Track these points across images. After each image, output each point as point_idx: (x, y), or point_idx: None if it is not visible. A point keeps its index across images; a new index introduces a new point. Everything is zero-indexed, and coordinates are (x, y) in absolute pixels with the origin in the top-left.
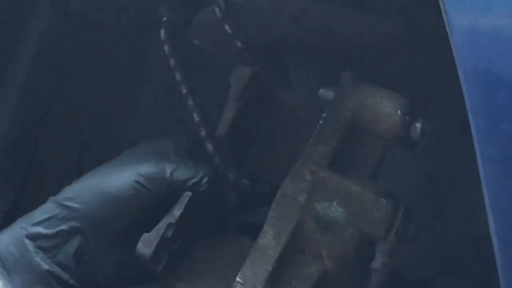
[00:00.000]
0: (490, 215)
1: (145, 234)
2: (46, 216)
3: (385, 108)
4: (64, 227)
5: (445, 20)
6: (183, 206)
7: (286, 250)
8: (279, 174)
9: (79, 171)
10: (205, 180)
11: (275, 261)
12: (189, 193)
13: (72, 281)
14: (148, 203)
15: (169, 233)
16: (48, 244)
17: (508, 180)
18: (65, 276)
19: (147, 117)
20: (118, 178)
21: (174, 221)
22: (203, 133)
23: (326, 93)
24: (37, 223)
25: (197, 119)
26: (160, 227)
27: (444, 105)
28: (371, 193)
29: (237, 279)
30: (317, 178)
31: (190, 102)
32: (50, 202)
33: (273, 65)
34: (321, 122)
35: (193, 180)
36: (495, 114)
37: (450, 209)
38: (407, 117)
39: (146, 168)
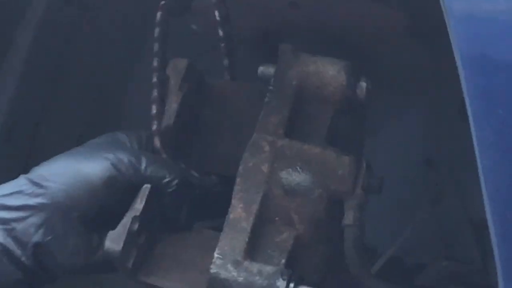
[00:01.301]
0: (486, 201)
1: (111, 231)
2: (13, 190)
3: (329, 72)
4: (30, 202)
5: (441, 5)
6: (144, 199)
7: (258, 221)
8: (223, 165)
9: None
10: (175, 182)
11: (250, 232)
12: (148, 186)
13: (23, 259)
14: (119, 189)
15: (135, 227)
16: (8, 216)
17: (505, 165)
18: (17, 252)
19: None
20: (94, 159)
21: (138, 214)
22: (154, 127)
23: (266, 70)
24: (3, 195)
25: (153, 111)
26: (125, 222)
27: (443, 91)
28: (332, 152)
29: (215, 255)
30: (276, 147)
31: (154, 93)
32: (21, 177)
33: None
34: (267, 95)
35: (165, 180)
36: (492, 99)
37: (449, 195)
38: (351, 77)
39: (124, 155)
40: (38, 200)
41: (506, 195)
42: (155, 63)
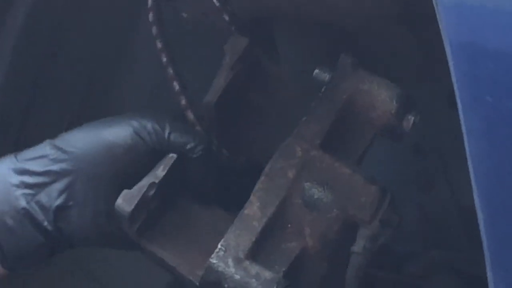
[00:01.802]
0: (475, 188)
1: (126, 190)
2: (38, 155)
3: (381, 95)
4: (54, 167)
5: None
6: (167, 168)
7: (270, 223)
8: (258, 150)
9: None
10: (199, 147)
11: (259, 233)
12: (174, 155)
13: (45, 224)
14: (142, 157)
15: (151, 193)
16: (32, 181)
17: (493, 152)
18: (40, 217)
19: (137, 92)
20: (118, 126)
21: (157, 181)
22: (183, 101)
23: (321, 75)
24: (28, 160)
25: (176, 88)
26: (142, 186)
27: (432, 78)
28: (360, 177)
29: (219, 246)
30: (308, 156)
31: (170, 71)
32: (46, 143)
33: (262, 39)
34: (314, 101)
35: (189, 146)
36: (481, 86)
37: (437, 183)
38: (402, 108)
39: (147, 122)
40: (62, 165)
41: (495, 182)
42: (159, 45)
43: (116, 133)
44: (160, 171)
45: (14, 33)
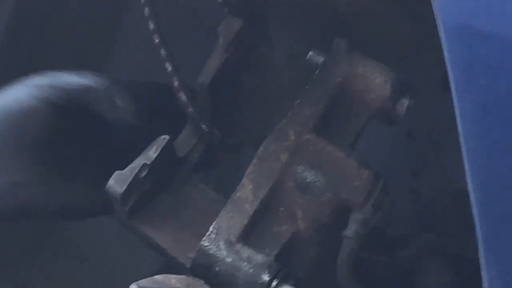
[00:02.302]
0: (467, 171)
1: (118, 172)
2: None
3: (376, 79)
4: None
5: None
6: (159, 149)
7: (262, 206)
8: (250, 133)
9: None
10: (100, 92)
11: (251, 216)
12: (166, 137)
13: None
14: (53, 118)
15: (142, 174)
16: None
17: (486, 134)
18: None
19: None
20: (13, 91)
21: (149, 162)
22: (176, 83)
23: (315, 57)
24: None
25: (169, 69)
26: (134, 166)
27: (425, 62)
28: (353, 161)
29: (211, 228)
30: (301, 139)
31: (162, 52)
32: None
33: (255, 21)
34: (308, 84)
35: (92, 89)
36: (475, 69)
37: (430, 167)
38: (396, 92)
39: (41, 80)
40: None
41: (487, 165)
42: (151, 26)
43: (11, 98)
44: (152, 153)
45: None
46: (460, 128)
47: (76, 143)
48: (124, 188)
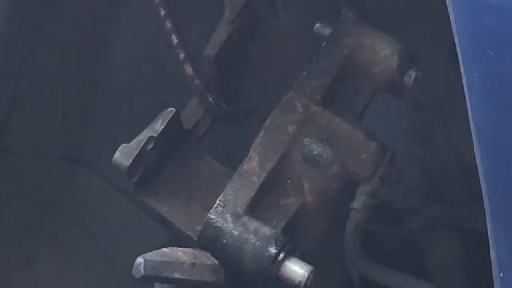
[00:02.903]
0: (475, 142)
1: (124, 144)
2: None
3: (383, 51)
4: None
5: None
6: (165, 122)
7: (269, 179)
8: (257, 104)
9: (63, 99)
10: None
11: (257, 188)
12: (173, 109)
13: None
14: None
15: (149, 147)
16: None
17: (494, 105)
18: None
19: (134, 46)
20: None
21: (155, 135)
22: (182, 55)
23: (322, 29)
24: None
25: (175, 41)
26: (141, 139)
27: (432, 33)
28: (361, 133)
29: (218, 201)
30: (308, 112)
31: (168, 24)
32: None
33: None
34: (315, 57)
35: None
36: (482, 40)
37: (438, 138)
38: (404, 63)
39: None
40: None
41: (495, 135)
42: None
43: None
44: (158, 125)
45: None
46: (467, 99)
47: None
48: (131, 160)
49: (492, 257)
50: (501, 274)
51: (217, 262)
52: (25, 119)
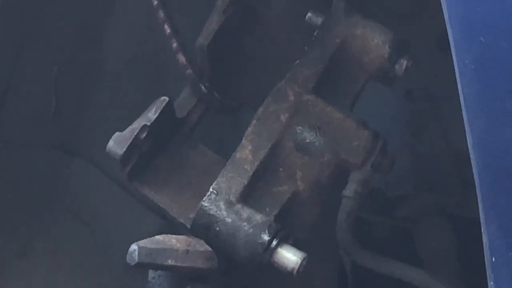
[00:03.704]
0: (467, 129)
1: (118, 133)
2: None
3: (374, 40)
4: None
5: None
6: (159, 111)
7: (262, 167)
8: (250, 94)
9: (57, 90)
10: None
11: (250, 176)
12: (166, 98)
13: None
14: None
15: (142, 135)
16: None
17: (485, 91)
18: None
19: (128, 37)
20: None
21: (148, 123)
22: (174, 44)
23: (314, 18)
24: None
25: (168, 31)
26: (134, 128)
27: (424, 22)
28: (353, 121)
29: (211, 189)
30: (301, 100)
31: (161, 14)
32: None
33: None
34: (308, 45)
35: None
36: (474, 27)
37: (429, 126)
38: (395, 52)
39: None
40: None
41: (487, 122)
42: None
43: None
44: (152, 114)
45: None
46: (459, 86)
47: None
48: (124, 149)
49: (484, 242)
50: (493, 259)
51: (210, 249)
52: (18, 110)
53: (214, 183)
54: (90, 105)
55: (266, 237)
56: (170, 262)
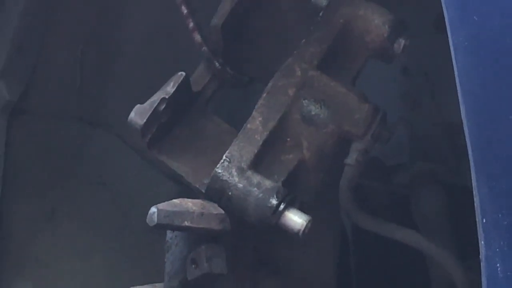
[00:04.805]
0: (462, 104)
1: (138, 105)
2: None
3: (375, 20)
4: None
5: None
6: (177, 84)
7: (271, 137)
8: (260, 69)
9: (81, 67)
10: None
11: (260, 145)
12: (183, 73)
13: None
14: None
15: (162, 107)
16: None
17: (479, 67)
18: None
19: (147, 17)
20: None
21: (167, 96)
22: (191, 24)
23: (319, 0)
24: None
25: (184, 11)
26: (154, 100)
27: (420, 4)
28: (354, 95)
29: (224, 157)
30: (307, 76)
31: None
32: None
33: None
34: (313, 26)
35: None
36: (468, 7)
37: (424, 99)
38: (394, 32)
39: None
40: None
41: (481, 97)
42: None
43: None
44: (170, 88)
45: None
46: (454, 62)
47: None
48: (145, 120)
49: (475, 204)
50: (484, 220)
51: (223, 212)
52: (46, 85)
53: (227, 152)
54: (112, 80)
55: (274, 201)
56: (186, 223)
